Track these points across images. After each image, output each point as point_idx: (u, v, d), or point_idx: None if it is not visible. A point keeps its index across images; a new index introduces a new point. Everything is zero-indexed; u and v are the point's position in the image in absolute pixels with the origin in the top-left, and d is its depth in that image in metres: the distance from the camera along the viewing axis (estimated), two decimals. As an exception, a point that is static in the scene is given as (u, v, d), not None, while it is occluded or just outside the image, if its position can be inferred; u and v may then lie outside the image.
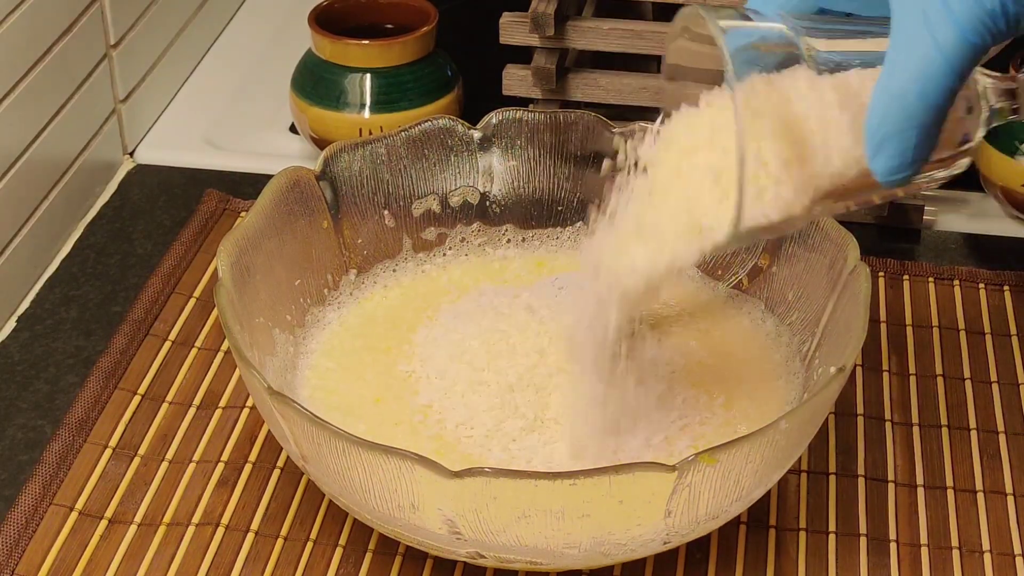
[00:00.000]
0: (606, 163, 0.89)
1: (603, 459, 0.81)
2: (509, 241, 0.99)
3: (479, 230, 0.99)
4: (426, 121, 0.97)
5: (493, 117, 0.97)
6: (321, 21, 1.13)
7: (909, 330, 1.00)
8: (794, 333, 0.90)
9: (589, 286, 0.82)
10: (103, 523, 0.86)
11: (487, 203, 0.99)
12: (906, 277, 1.04)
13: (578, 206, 0.99)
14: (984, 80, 0.73)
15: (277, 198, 0.91)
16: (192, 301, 1.01)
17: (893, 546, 0.86)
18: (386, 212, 0.96)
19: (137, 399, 0.93)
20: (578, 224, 0.99)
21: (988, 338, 1.00)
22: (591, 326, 0.82)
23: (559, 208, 0.99)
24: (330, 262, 0.94)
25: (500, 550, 0.77)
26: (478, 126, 0.97)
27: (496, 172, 0.98)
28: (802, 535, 0.86)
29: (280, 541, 0.85)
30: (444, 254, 0.98)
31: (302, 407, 0.76)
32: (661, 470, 0.73)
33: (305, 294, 0.92)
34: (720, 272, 0.96)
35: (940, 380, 0.96)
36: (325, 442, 0.76)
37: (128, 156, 1.17)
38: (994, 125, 0.73)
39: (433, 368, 0.88)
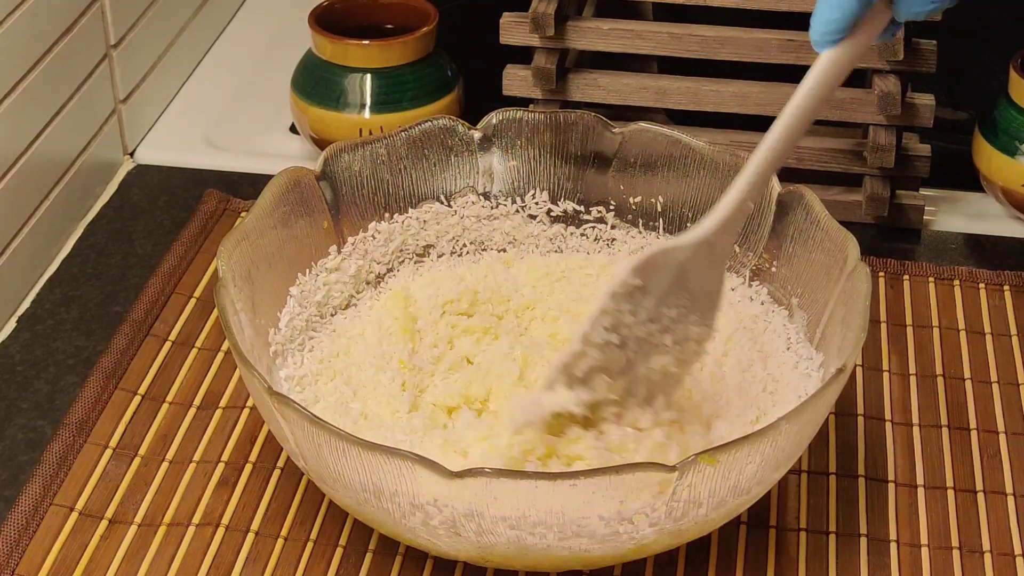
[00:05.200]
0: None
1: None
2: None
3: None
4: (426, 121, 0.97)
5: (493, 117, 0.97)
6: (321, 21, 1.13)
7: (909, 330, 1.00)
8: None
9: None
10: (103, 523, 0.86)
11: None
12: (906, 277, 1.04)
13: (579, 206, 0.99)
14: None
15: (277, 198, 0.91)
16: (192, 301, 1.01)
17: (893, 546, 0.86)
18: (386, 213, 0.96)
19: (137, 399, 0.93)
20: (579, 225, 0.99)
21: (988, 338, 1.00)
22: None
23: (561, 210, 0.99)
24: (331, 263, 0.94)
25: (500, 549, 0.77)
26: (478, 126, 0.97)
27: (496, 172, 0.98)
28: (802, 535, 0.86)
29: (280, 541, 0.85)
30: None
31: (302, 407, 0.76)
32: (661, 470, 0.73)
33: (305, 294, 0.92)
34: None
35: (940, 380, 0.96)
36: (325, 442, 0.76)
37: (128, 156, 1.17)
38: None
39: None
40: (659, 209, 0.97)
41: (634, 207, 0.97)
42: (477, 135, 0.97)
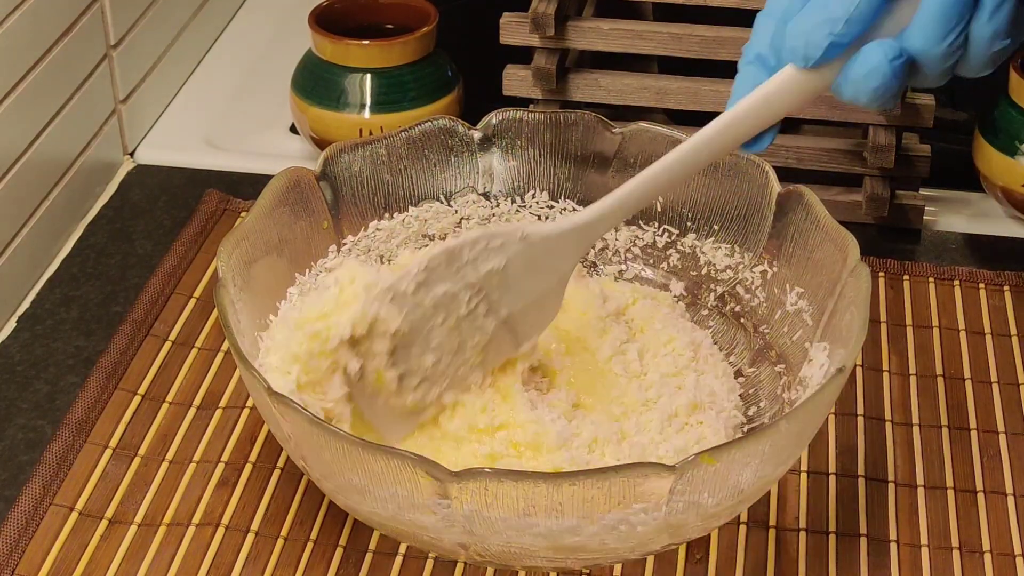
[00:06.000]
0: None
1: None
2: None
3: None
4: (426, 121, 0.97)
5: (493, 117, 0.97)
6: (321, 21, 1.13)
7: (909, 330, 1.00)
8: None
9: None
10: (103, 523, 0.86)
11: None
12: (906, 277, 1.04)
13: (579, 207, 0.99)
14: None
15: (277, 198, 0.90)
16: (192, 301, 1.01)
17: (893, 546, 0.86)
18: (386, 213, 0.96)
19: (137, 399, 0.93)
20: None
21: (988, 338, 1.00)
22: None
23: (560, 209, 0.99)
24: (330, 263, 0.94)
25: (500, 550, 0.77)
26: (478, 126, 0.97)
27: (496, 172, 0.98)
28: (802, 535, 0.86)
29: (280, 541, 0.85)
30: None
31: (302, 407, 0.76)
32: (661, 470, 0.73)
33: (305, 294, 0.92)
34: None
35: (940, 380, 0.96)
36: (325, 442, 0.76)
37: (128, 156, 1.18)
38: None
39: None
40: (659, 209, 0.97)
41: (634, 207, 0.97)
42: (477, 135, 0.97)
